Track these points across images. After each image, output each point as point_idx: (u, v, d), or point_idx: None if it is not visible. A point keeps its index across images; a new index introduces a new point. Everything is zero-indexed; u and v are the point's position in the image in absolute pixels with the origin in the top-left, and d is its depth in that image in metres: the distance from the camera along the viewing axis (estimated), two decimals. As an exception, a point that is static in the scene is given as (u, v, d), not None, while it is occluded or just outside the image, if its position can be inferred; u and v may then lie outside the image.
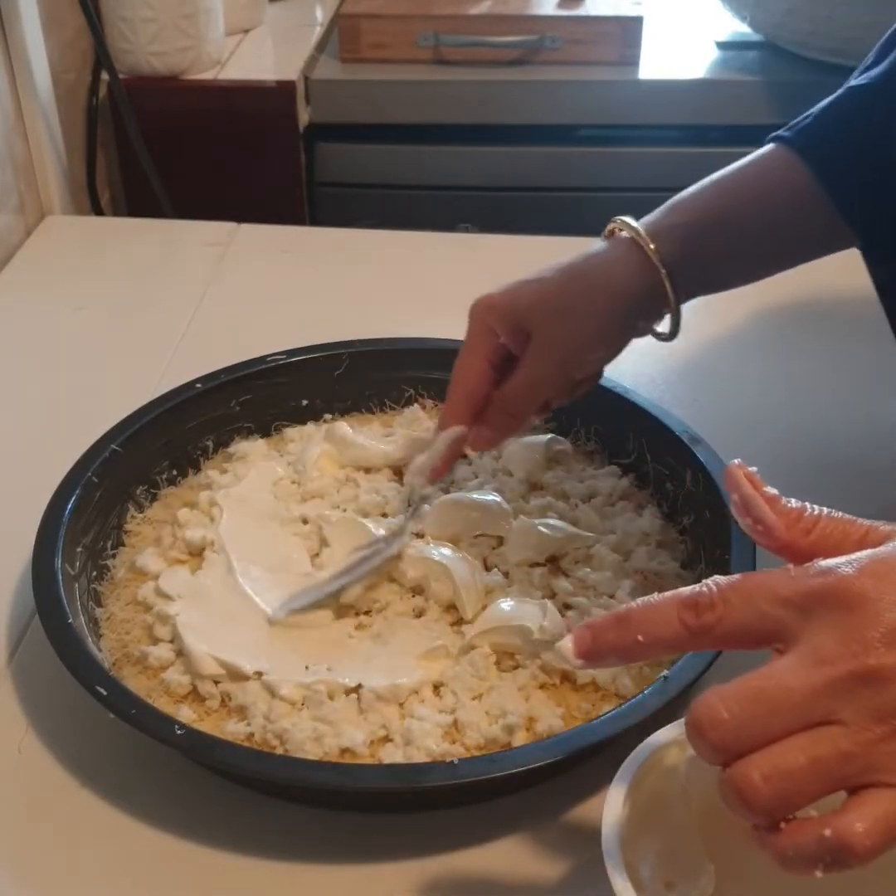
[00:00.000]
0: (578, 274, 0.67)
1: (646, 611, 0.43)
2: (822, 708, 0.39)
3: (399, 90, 1.40)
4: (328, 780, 0.56)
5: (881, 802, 0.39)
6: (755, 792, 0.39)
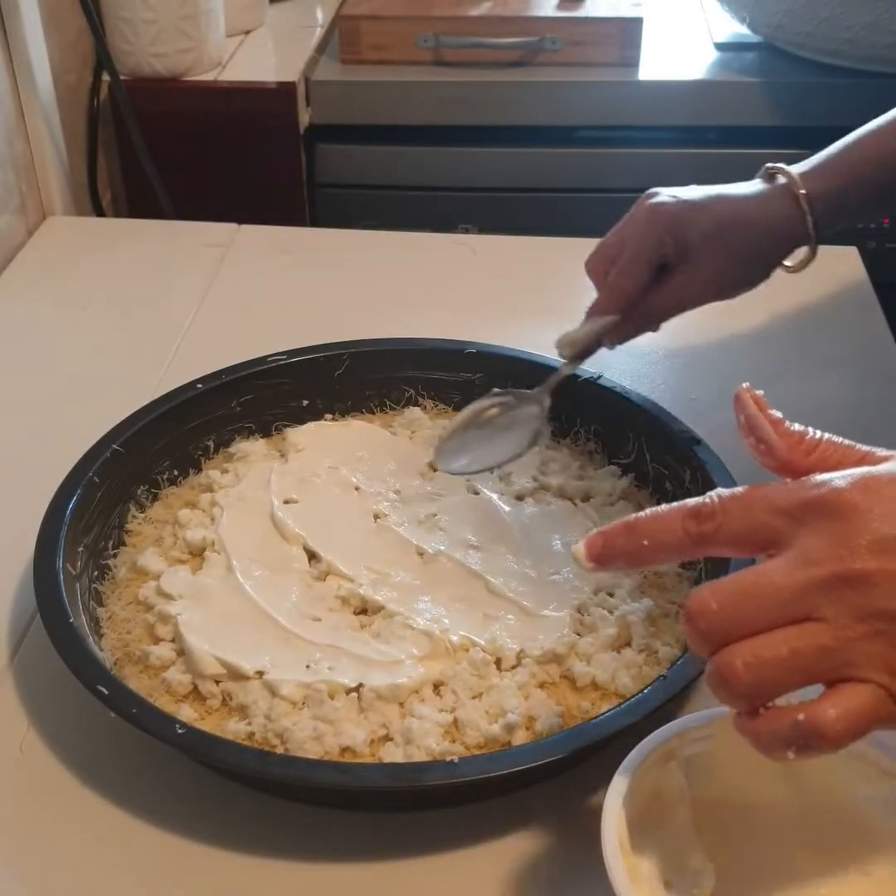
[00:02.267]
0: (739, 209, 0.74)
1: (652, 518, 0.46)
2: (806, 605, 0.41)
3: (399, 91, 1.40)
4: (329, 779, 0.56)
5: (854, 695, 0.41)
6: (737, 678, 0.42)
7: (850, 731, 0.41)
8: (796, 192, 0.74)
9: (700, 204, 0.74)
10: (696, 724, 0.52)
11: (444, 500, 0.76)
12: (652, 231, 0.73)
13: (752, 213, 0.74)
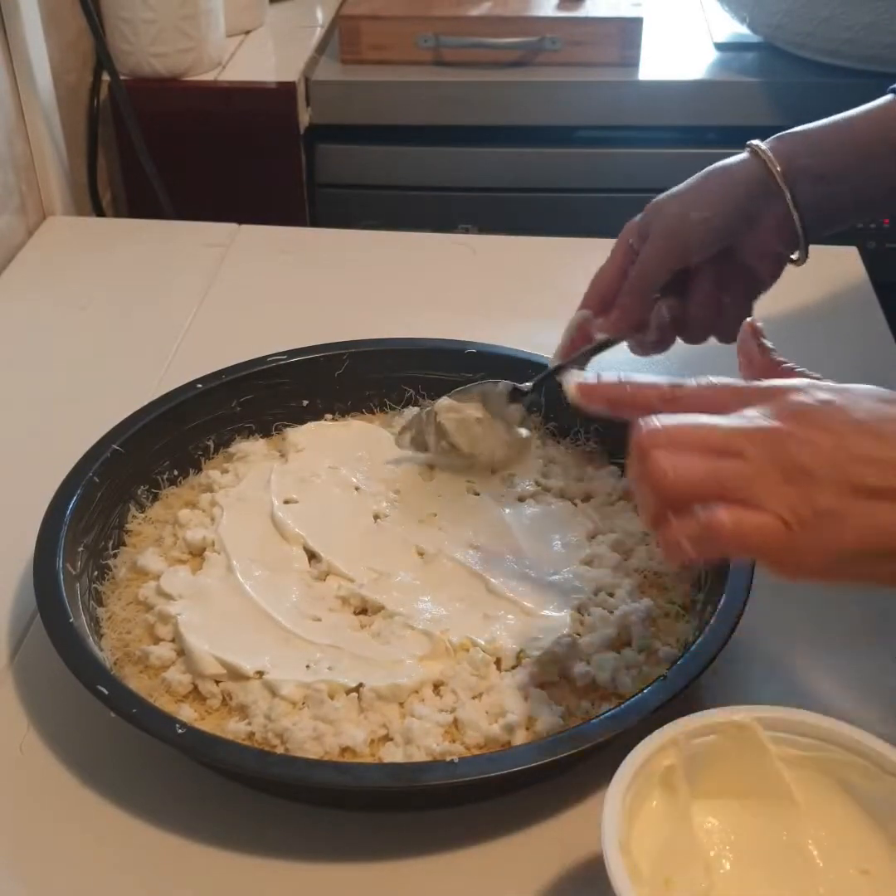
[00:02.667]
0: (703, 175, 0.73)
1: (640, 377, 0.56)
2: (736, 445, 0.49)
3: (399, 91, 1.40)
4: (329, 778, 0.56)
5: (752, 515, 0.48)
6: (660, 467, 0.49)
7: (736, 537, 0.48)
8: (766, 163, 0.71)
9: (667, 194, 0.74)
10: (697, 723, 0.52)
11: (444, 500, 0.76)
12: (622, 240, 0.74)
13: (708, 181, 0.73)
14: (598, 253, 0.77)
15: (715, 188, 0.72)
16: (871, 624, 0.70)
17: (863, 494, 0.48)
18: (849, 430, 0.49)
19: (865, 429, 0.49)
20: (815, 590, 0.71)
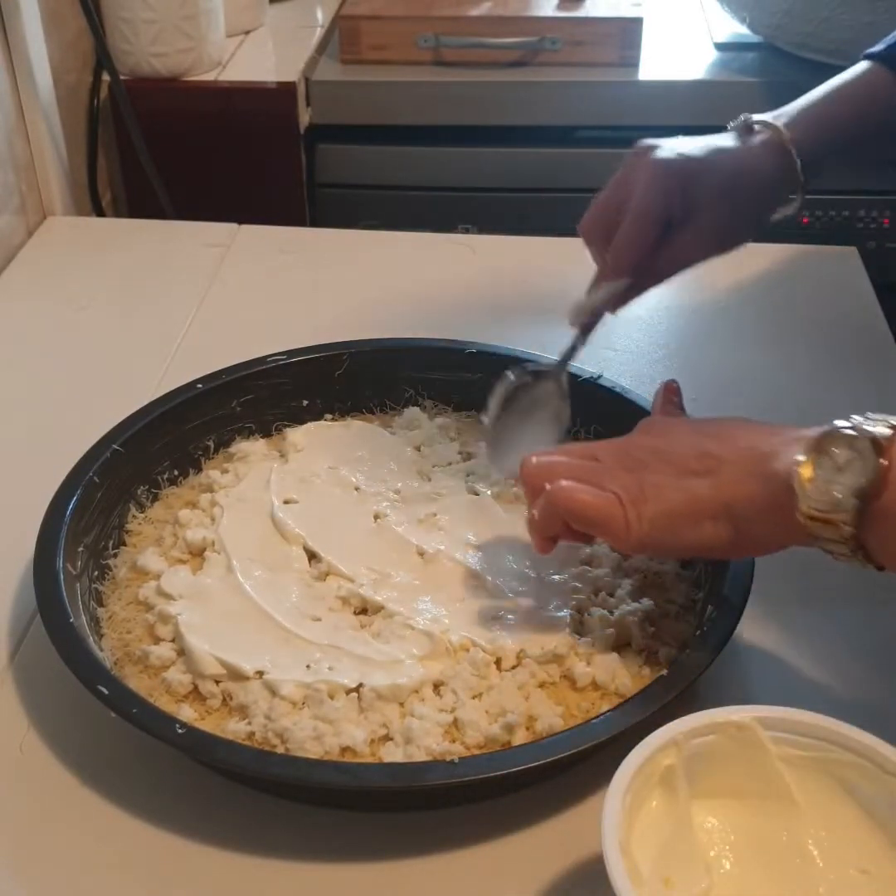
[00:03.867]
0: (744, 165, 0.75)
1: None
2: (590, 454, 0.63)
3: (399, 91, 1.40)
4: (329, 778, 0.56)
5: (593, 491, 0.60)
6: (527, 466, 0.64)
7: (572, 503, 0.60)
8: (786, 144, 0.76)
9: (707, 160, 0.74)
10: (697, 723, 0.52)
11: (444, 500, 0.76)
12: (660, 188, 0.72)
13: (753, 167, 0.75)
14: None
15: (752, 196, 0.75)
16: (871, 624, 0.71)
17: (684, 474, 0.59)
18: (678, 430, 0.62)
19: (692, 431, 0.62)
20: (815, 590, 0.71)
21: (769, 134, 0.76)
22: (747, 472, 0.57)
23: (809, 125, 0.78)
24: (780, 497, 0.54)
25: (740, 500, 0.57)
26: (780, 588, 0.69)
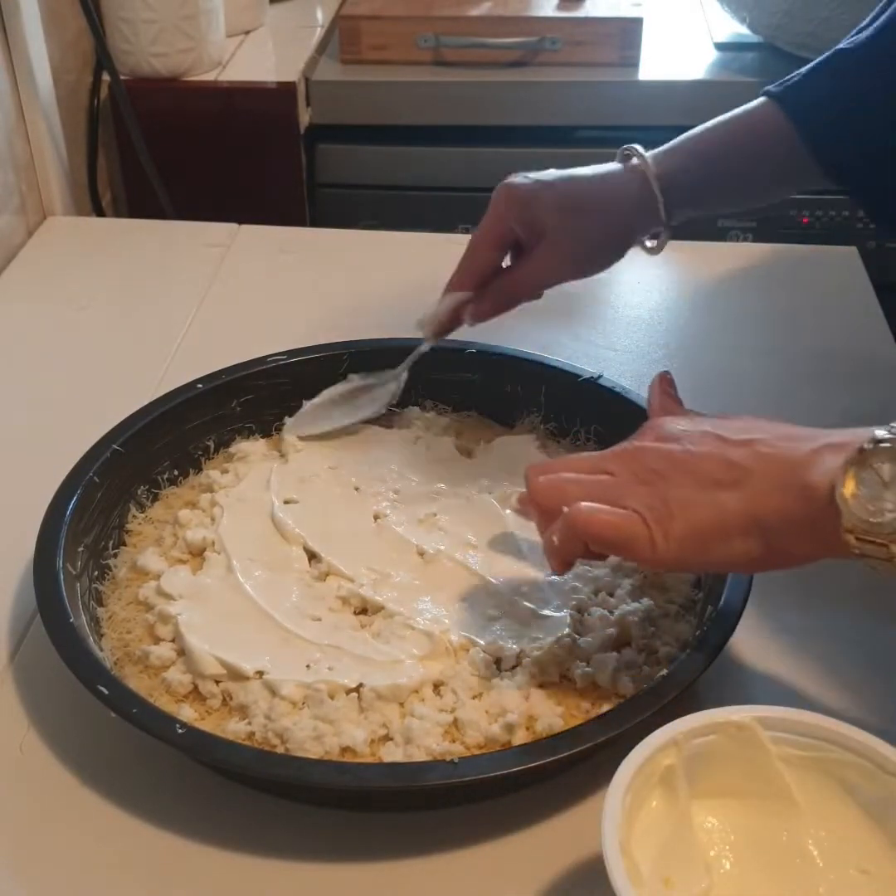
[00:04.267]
0: (593, 186, 0.76)
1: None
2: (600, 466, 0.59)
3: (399, 91, 1.40)
4: (329, 778, 0.56)
5: (613, 511, 0.56)
6: (538, 486, 0.60)
7: (594, 528, 0.56)
8: (647, 173, 0.75)
9: (550, 183, 0.75)
10: (697, 723, 0.52)
11: (443, 500, 0.76)
12: (502, 211, 0.75)
13: (601, 193, 0.76)
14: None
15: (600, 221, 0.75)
16: (871, 625, 0.71)
17: (709, 486, 0.55)
18: (696, 437, 0.58)
19: (710, 436, 0.57)
20: (815, 590, 0.71)
21: (637, 163, 0.77)
22: (779, 484, 0.53)
23: (683, 158, 0.77)
24: (817, 511, 0.51)
25: (772, 515, 0.53)
26: (780, 588, 0.69)
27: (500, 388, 0.83)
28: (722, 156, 0.78)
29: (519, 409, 0.83)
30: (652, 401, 0.67)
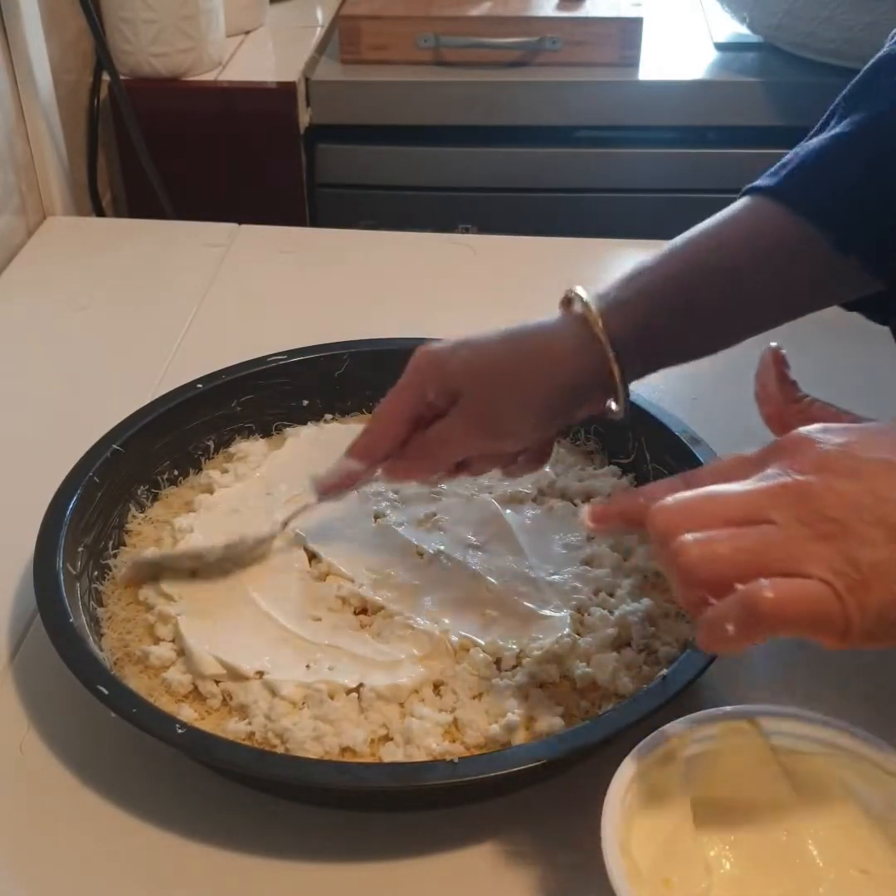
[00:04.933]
0: (520, 350, 0.64)
1: (651, 484, 0.52)
2: (756, 509, 0.46)
3: (399, 91, 1.40)
4: (329, 778, 0.56)
5: (796, 585, 0.44)
6: (686, 551, 0.45)
7: (781, 612, 0.44)
8: (588, 318, 0.62)
9: (468, 343, 0.64)
10: (696, 724, 0.52)
11: (443, 500, 0.76)
12: (414, 380, 0.65)
13: (527, 352, 0.63)
14: (598, 252, 0.77)
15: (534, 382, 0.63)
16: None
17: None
18: (874, 469, 0.45)
19: (892, 465, 0.45)
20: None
21: (579, 309, 0.63)
22: None
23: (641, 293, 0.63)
24: None
25: None
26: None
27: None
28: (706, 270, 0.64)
29: (519, 409, 0.83)
30: (768, 389, 0.55)
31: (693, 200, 1.38)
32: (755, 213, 0.64)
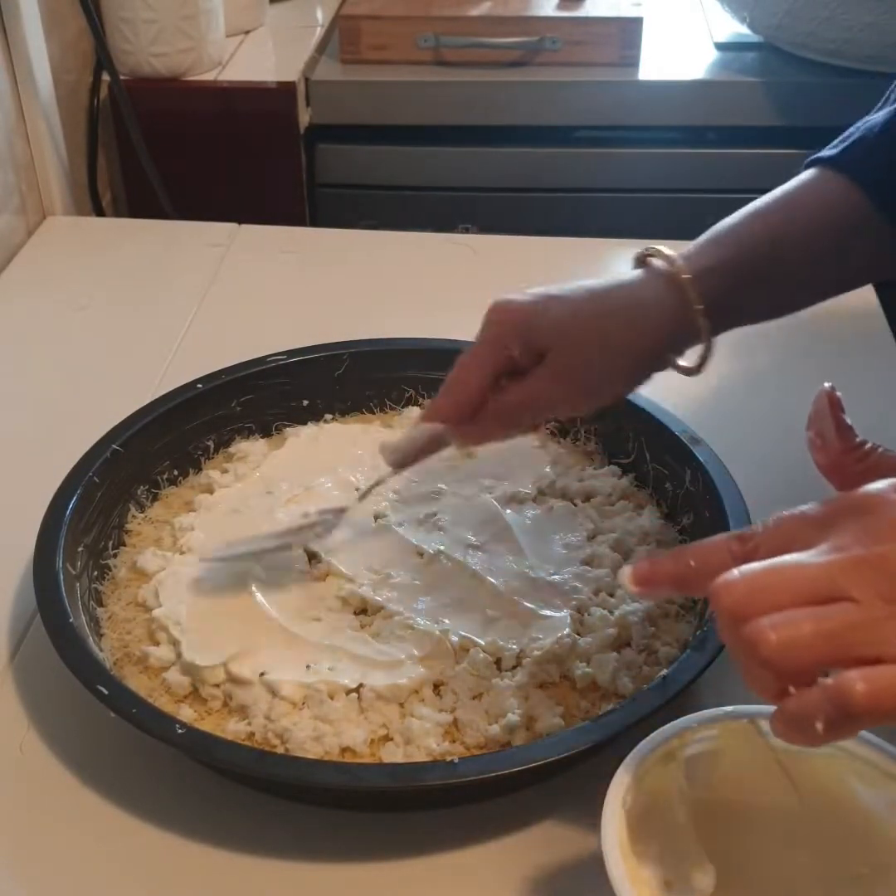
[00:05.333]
0: (609, 309, 0.63)
1: (699, 544, 0.47)
2: (833, 585, 0.41)
3: (399, 91, 1.40)
4: (329, 778, 0.56)
5: (887, 673, 0.40)
6: (765, 640, 0.41)
7: (877, 705, 0.40)
8: (677, 276, 0.62)
9: (554, 297, 0.63)
10: (696, 724, 0.52)
11: (443, 500, 0.76)
12: (496, 335, 0.63)
13: (616, 309, 0.63)
14: (598, 252, 0.77)
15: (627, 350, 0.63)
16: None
17: None
18: None
19: None
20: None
21: (659, 266, 0.63)
22: None
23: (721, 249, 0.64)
24: None
25: None
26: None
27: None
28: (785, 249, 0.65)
29: (519, 409, 0.83)
30: (825, 436, 0.51)
31: (693, 200, 1.38)
32: (819, 185, 0.66)
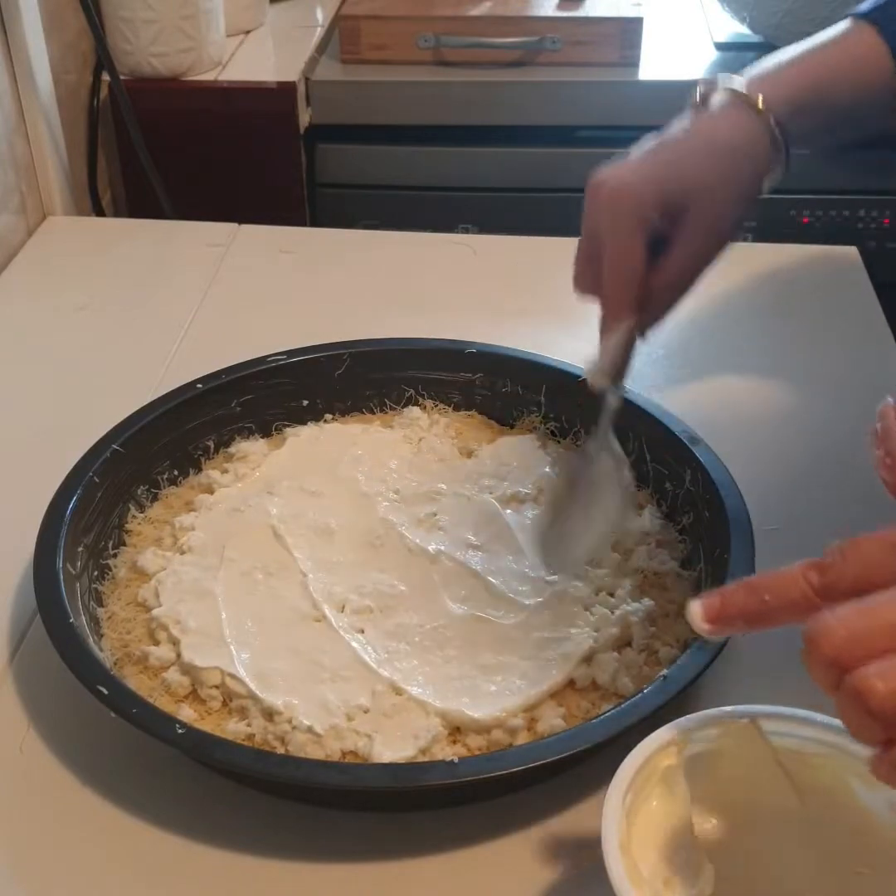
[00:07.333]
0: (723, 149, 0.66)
1: (773, 575, 0.44)
2: None
3: (399, 91, 1.40)
4: (329, 778, 0.56)
5: None
6: (873, 690, 0.39)
7: None
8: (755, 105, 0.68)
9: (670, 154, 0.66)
10: (697, 724, 0.52)
11: (443, 499, 0.76)
12: (634, 213, 0.63)
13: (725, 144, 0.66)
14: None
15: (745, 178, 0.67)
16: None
17: None
18: None
19: None
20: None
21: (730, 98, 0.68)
22: None
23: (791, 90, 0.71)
24: None
25: None
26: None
27: (500, 388, 0.83)
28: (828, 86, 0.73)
29: (519, 409, 0.83)
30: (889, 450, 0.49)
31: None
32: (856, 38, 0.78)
